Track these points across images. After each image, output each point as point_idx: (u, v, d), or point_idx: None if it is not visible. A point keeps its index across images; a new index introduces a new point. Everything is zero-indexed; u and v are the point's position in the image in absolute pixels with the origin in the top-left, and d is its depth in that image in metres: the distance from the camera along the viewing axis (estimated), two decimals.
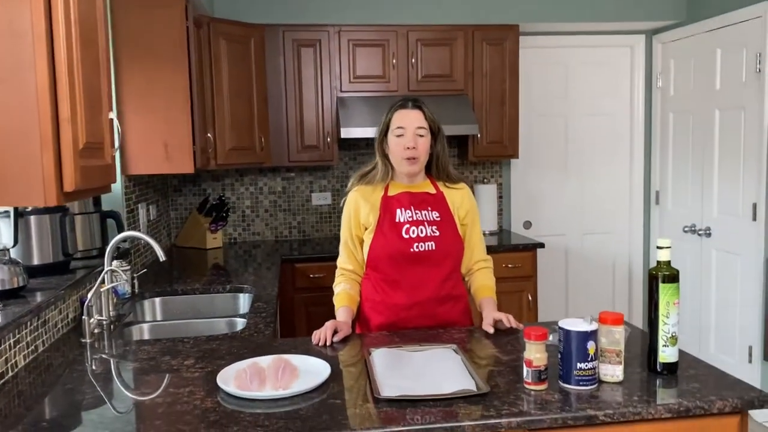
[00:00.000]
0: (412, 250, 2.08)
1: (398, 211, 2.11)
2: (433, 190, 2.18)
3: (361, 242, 2.18)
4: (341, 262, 2.22)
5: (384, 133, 2.14)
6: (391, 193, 2.15)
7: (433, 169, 2.18)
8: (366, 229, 2.15)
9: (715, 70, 3.86)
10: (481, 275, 2.22)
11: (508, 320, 1.99)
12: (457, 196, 2.19)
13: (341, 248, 2.22)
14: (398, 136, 2.08)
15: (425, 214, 2.12)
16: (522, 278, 3.87)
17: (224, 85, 3.50)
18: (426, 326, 2.11)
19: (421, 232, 2.09)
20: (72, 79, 1.48)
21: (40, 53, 1.40)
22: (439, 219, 2.13)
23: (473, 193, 4.36)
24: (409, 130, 2.07)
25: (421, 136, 2.09)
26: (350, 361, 1.82)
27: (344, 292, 2.15)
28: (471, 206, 2.22)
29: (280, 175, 4.30)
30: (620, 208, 4.67)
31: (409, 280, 2.10)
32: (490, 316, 2.02)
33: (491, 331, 1.98)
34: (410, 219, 2.10)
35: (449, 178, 2.20)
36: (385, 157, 2.15)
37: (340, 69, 3.93)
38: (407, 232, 2.09)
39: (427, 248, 2.08)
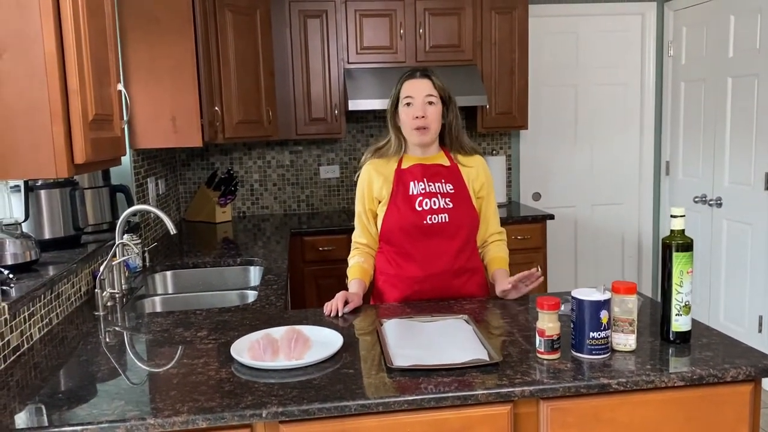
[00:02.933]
0: (425, 222, 2.06)
1: (411, 183, 2.10)
2: (447, 162, 2.15)
3: (375, 216, 2.16)
4: (356, 236, 2.22)
5: (394, 105, 2.12)
6: (405, 165, 2.13)
7: (446, 139, 2.16)
8: (380, 202, 2.14)
9: (729, 38, 3.79)
10: (495, 247, 2.21)
11: (525, 275, 1.98)
12: (473, 169, 2.17)
13: (356, 222, 2.21)
14: (407, 105, 2.06)
15: (438, 187, 2.10)
16: (531, 250, 3.86)
17: (231, 58, 3.47)
18: (441, 300, 2.10)
19: (434, 204, 2.07)
20: (80, 50, 1.47)
21: (47, 24, 1.39)
22: (452, 191, 2.10)
23: None
24: (417, 99, 2.05)
25: (431, 103, 2.06)
26: (362, 331, 1.82)
27: (357, 264, 2.15)
28: (486, 179, 2.19)
29: (288, 148, 4.28)
30: (630, 179, 4.64)
31: (422, 252, 2.08)
32: (504, 282, 2.03)
33: (508, 287, 1.99)
34: (423, 191, 2.09)
35: (463, 148, 2.17)
36: (398, 129, 2.13)
37: (347, 40, 3.89)
38: (420, 204, 2.07)
39: (440, 220, 2.07)
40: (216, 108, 3.33)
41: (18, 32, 1.40)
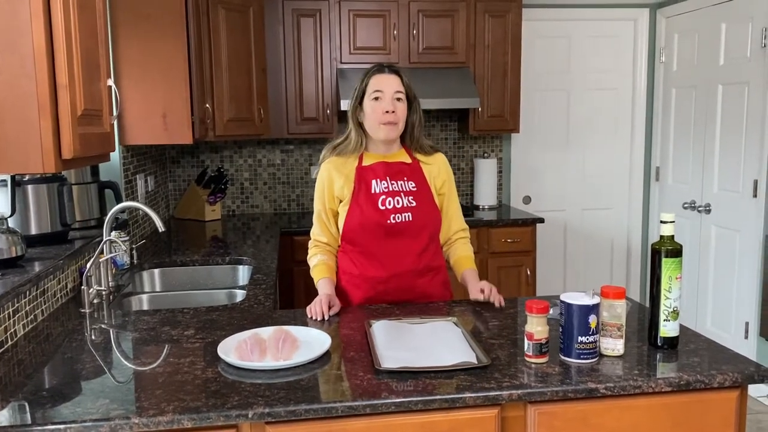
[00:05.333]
0: (389, 221, 2.03)
1: (374, 181, 2.06)
2: (408, 160, 2.12)
3: (335, 215, 2.13)
4: (315, 234, 2.17)
5: (359, 100, 2.07)
6: (366, 163, 2.09)
7: (406, 138, 2.13)
8: (341, 201, 2.10)
9: (720, 45, 3.82)
10: (459, 246, 2.19)
11: (491, 291, 1.98)
12: (434, 166, 2.15)
13: (315, 220, 2.17)
14: (375, 99, 2.02)
15: (401, 185, 2.07)
16: (521, 253, 3.87)
17: (223, 55, 3.45)
18: (406, 299, 2.09)
19: (398, 203, 2.05)
20: (69, 45, 1.45)
21: (37, 17, 1.37)
22: (415, 189, 2.08)
23: (474, 167, 4.35)
24: (387, 93, 2.01)
25: (399, 100, 2.03)
26: (350, 333, 1.81)
27: (322, 263, 2.12)
28: (448, 176, 2.17)
29: (279, 147, 4.27)
30: (620, 184, 4.66)
31: (386, 252, 2.06)
32: (477, 286, 2.02)
33: (481, 297, 1.98)
34: (386, 190, 2.06)
35: (422, 148, 2.14)
36: (360, 126, 2.09)
37: (341, 40, 3.88)
38: (383, 203, 2.04)
39: (403, 219, 2.04)
40: (207, 105, 3.31)
41: (7, 26, 1.39)
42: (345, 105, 3.71)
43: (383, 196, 2.05)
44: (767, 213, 3.53)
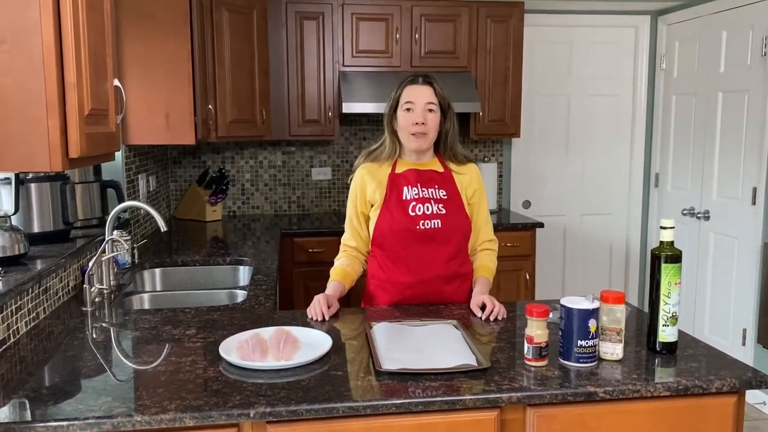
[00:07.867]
0: (418, 227, 2.06)
1: (405, 188, 2.10)
2: (440, 168, 2.15)
3: (367, 219, 2.16)
4: (345, 238, 2.21)
5: (393, 108, 2.11)
6: (399, 170, 2.13)
7: (440, 146, 2.16)
8: (372, 206, 2.13)
9: (720, 53, 3.84)
10: (483, 256, 2.20)
11: (492, 304, 1.94)
12: (466, 176, 2.17)
13: (346, 225, 2.20)
14: (407, 110, 2.06)
15: (432, 192, 2.10)
16: (520, 257, 3.87)
17: (226, 56, 3.46)
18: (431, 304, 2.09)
19: (428, 210, 2.07)
20: (78, 43, 1.46)
21: (46, 16, 1.38)
22: (446, 197, 2.11)
23: None
24: (418, 105, 2.05)
25: (431, 110, 2.06)
26: (351, 334, 1.83)
27: (341, 266, 2.14)
28: (479, 186, 2.20)
29: (281, 149, 4.28)
30: (620, 190, 4.67)
31: (414, 258, 2.08)
32: (478, 297, 2.00)
33: (478, 314, 1.95)
34: (417, 196, 2.09)
35: (456, 157, 2.17)
36: (394, 133, 2.13)
37: (343, 43, 3.89)
38: (413, 209, 2.07)
39: (433, 226, 2.07)
40: (210, 106, 3.32)
41: (16, 24, 1.39)
42: (346, 108, 3.72)
43: (414, 203, 2.08)
44: (766, 220, 3.54)
